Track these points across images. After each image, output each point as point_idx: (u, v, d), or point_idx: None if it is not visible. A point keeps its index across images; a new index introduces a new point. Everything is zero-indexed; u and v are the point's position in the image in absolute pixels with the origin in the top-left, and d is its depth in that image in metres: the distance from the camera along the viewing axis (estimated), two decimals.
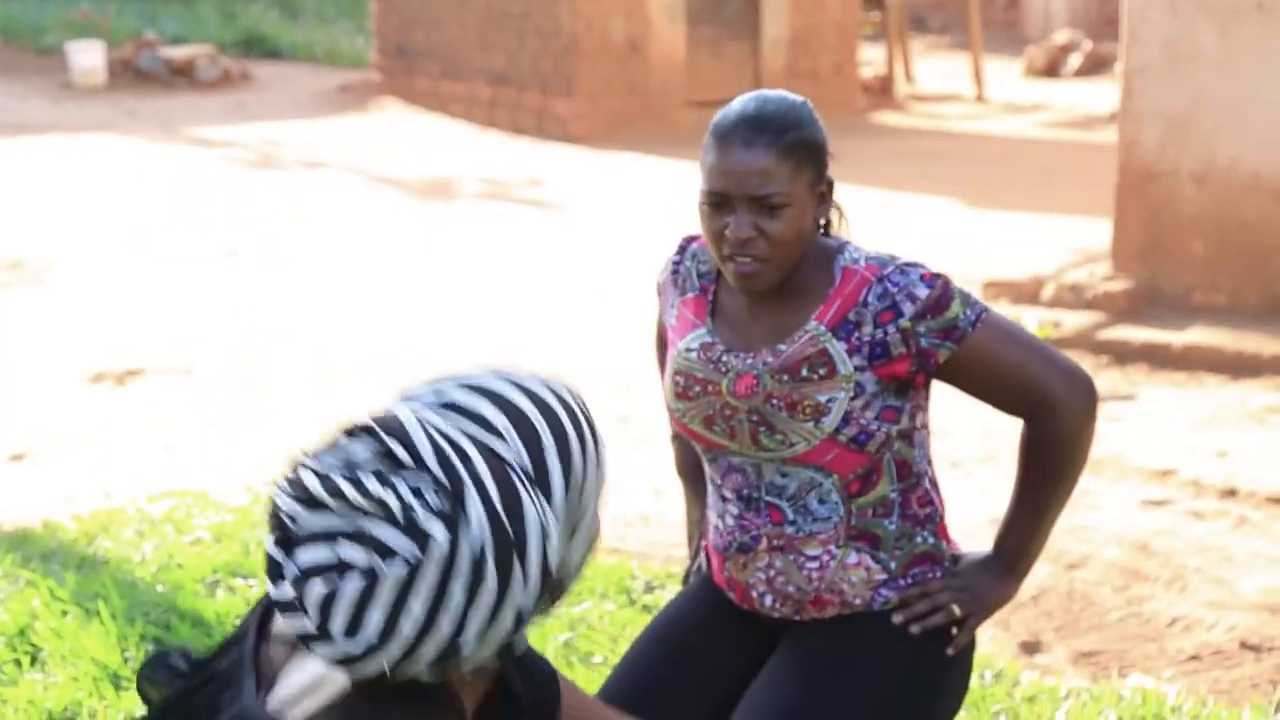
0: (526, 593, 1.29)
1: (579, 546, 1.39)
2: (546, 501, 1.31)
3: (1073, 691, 3.18)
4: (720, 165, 2.18)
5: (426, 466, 1.27)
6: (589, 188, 10.69)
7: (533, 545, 1.27)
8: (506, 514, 1.27)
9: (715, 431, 2.28)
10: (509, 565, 1.26)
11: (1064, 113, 14.33)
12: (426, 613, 1.25)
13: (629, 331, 6.91)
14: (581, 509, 1.37)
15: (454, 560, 1.25)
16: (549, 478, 1.31)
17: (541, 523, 1.29)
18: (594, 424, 1.39)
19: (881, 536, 2.27)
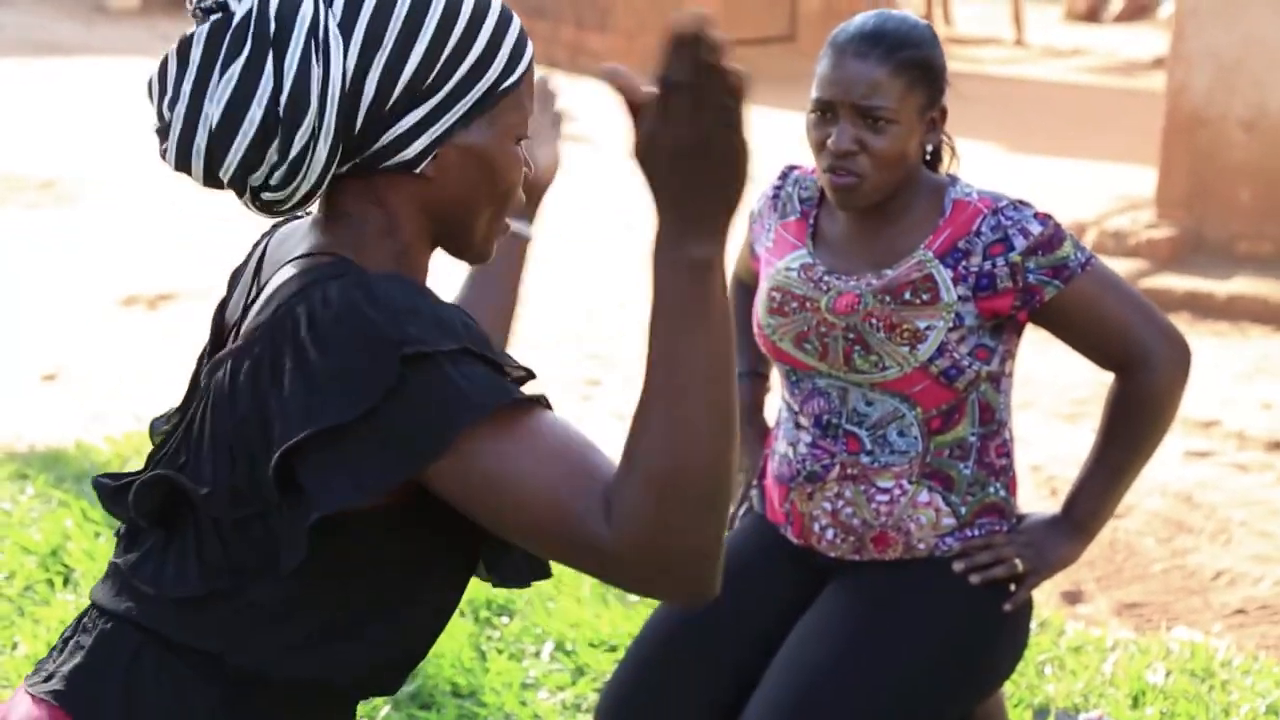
0: (288, 100, 1.29)
1: (419, 124, 1.34)
2: (343, 32, 1.31)
3: (1119, 643, 3.13)
4: (830, 74, 2.15)
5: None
6: (623, 123, 10.59)
7: (294, 47, 1.29)
8: (276, 9, 1.30)
9: (806, 350, 2.25)
10: (262, 54, 1.29)
11: (1105, 58, 14.14)
12: (191, 90, 1.31)
13: None
14: (423, 85, 1.33)
15: (215, 43, 1.31)
16: (358, 13, 1.32)
17: (314, 33, 1.29)
18: (480, 10, 1.37)
19: (955, 479, 2.23)
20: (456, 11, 1.34)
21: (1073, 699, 2.85)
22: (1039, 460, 4.49)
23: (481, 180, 1.38)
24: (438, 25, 1.33)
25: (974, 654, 2.29)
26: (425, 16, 1.32)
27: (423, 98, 1.33)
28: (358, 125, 1.32)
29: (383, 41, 1.31)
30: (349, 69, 1.30)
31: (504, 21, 1.37)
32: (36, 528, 3.54)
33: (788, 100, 11.21)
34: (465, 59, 1.34)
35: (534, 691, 2.86)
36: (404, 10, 1.32)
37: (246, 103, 1.29)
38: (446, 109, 1.34)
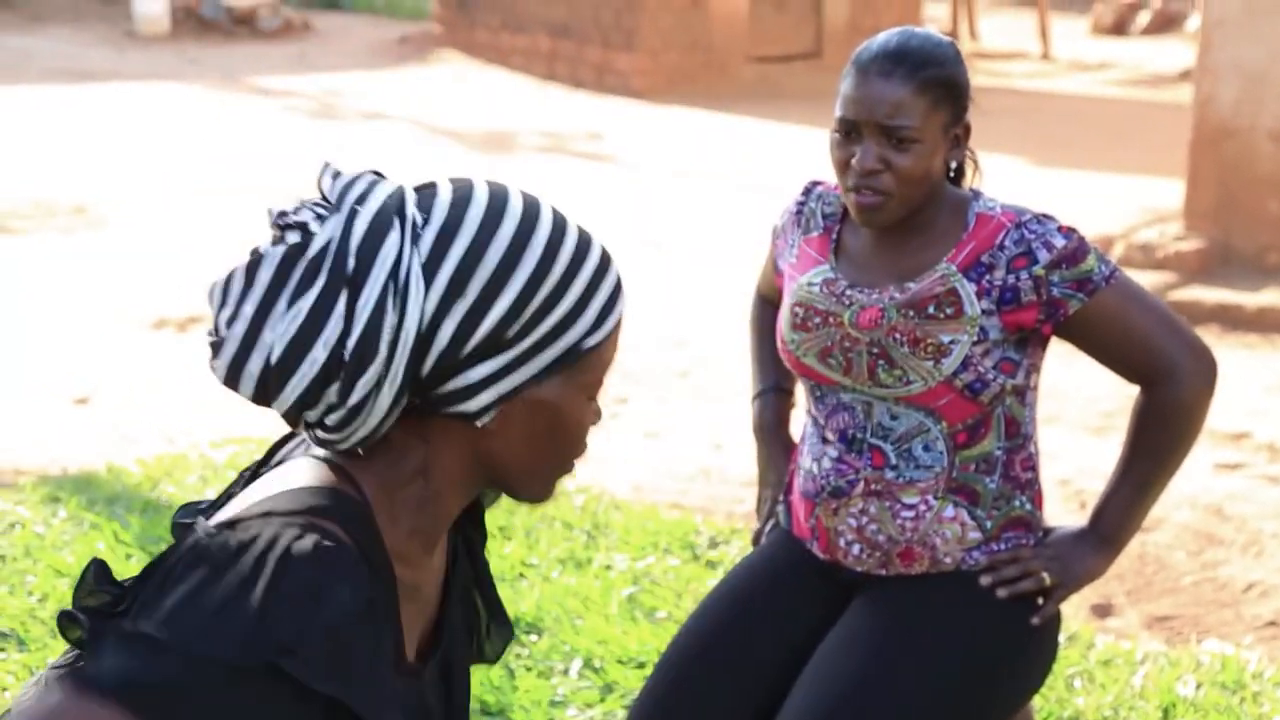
0: (356, 344, 1.20)
1: (490, 375, 1.26)
2: (426, 278, 1.22)
3: (1149, 655, 3.11)
4: (854, 93, 2.15)
5: (325, 193, 1.27)
6: (648, 142, 10.62)
7: (370, 289, 1.20)
8: (357, 246, 1.21)
9: (830, 365, 2.25)
10: (335, 292, 1.20)
11: (1132, 71, 14.10)
12: (255, 312, 1.22)
13: (686, 286, 6.86)
14: (502, 338, 1.25)
15: (288, 267, 1.22)
16: (442, 260, 1.23)
17: (395, 276, 1.21)
18: (574, 267, 1.28)
19: (981, 493, 2.23)
20: (552, 261, 1.26)
21: (1102, 712, 2.84)
22: (1067, 474, 4.47)
23: (547, 436, 1.31)
24: (530, 276, 1.25)
25: (1002, 668, 2.28)
26: (517, 264, 1.24)
27: (500, 350, 1.25)
28: (425, 370, 1.24)
29: (467, 288, 1.23)
30: (427, 315, 1.22)
31: (600, 272, 1.30)
32: (69, 550, 3.57)
33: (814, 117, 11.23)
34: (552, 313, 1.26)
35: (563, 709, 2.86)
36: (496, 256, 1.24)
37: (311, 341, 1.21)
38: (523, 363, 1.26)
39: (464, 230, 1.24)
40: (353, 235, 1.21)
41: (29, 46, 14.38)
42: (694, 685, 2.35)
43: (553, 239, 1.27)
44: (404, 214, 1.24)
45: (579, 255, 1.28)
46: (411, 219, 1.24)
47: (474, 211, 1.25)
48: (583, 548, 3.64)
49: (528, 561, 3.55)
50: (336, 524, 1.23)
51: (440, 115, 11.48)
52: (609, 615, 3.21)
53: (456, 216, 1.24)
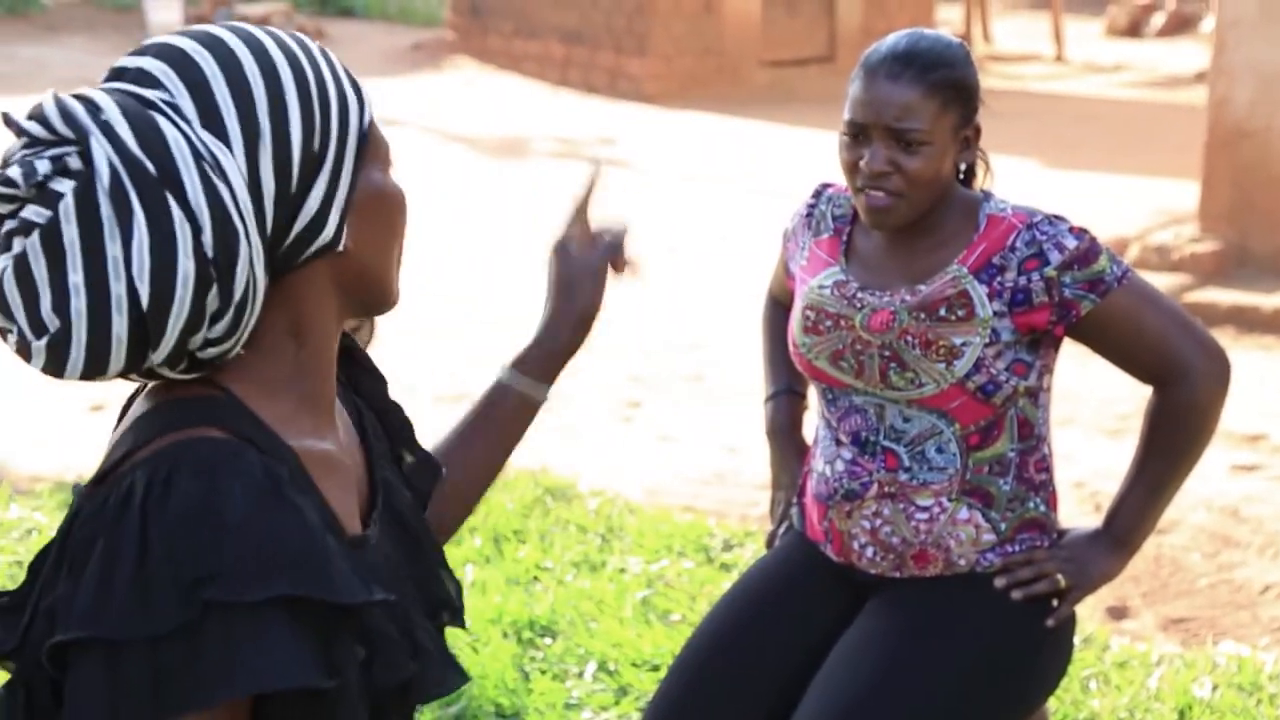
0: (214, 235, 1.14)
1: (325, 196, 1.23)
2: (219, 138, 1.17)
3: (1165, 658, 3.10)
4: (862, 96, 2.15)
5: (57, 131, 1.16)
6: (662, 147, 10.62)
7: (188, 177, 1.14)
8: (142, 149, 1.13)
9: (842, 368, 2.25)
10: (160, 201, 1.12)
11: (1146, 73, 14.07)
12: (86, 275, 1.11)
13: (699, 290, 6.86)
14: (314, 154, 1.22)
15: (91, 211, 1.12)
16: (220, 114, 1.18)
17: (199, 153, 1.15)
18: (316, 66, 1.26)
19: (995, 495, 2.22)
20: (301, 66, 1.24)
21: (1118, 714, 2.83)
22: (1082, 476, 4.46)
23: (388, 224, 1.31)
24: (297, 87, 1.22)
25: (1016, 670, 2.27)
26: (280, 83, 1.21)
27: (320, 165, 1.23)
28: (268, 223, 1.20)
29: (259, 126, 1.19)
30: (244, 170, 1.18)
31: (331, 62, 1.29)
32: None
33: (827, 121, 11.22)
34: (333, 110, 1.25)
35: (577, 712, 2.86)
36: (261, 86, 1.20)
37: (172, 259, 1.13)
38: (340, 165, 1.25)
39: (214, 81, 1.19)
40: (127, 144, 1.13)
41: (43, 56, 14.44)
42: (709, 687, 2.35)
43: (282, 48, 1.24)
44: (143, 99, 1.17)
45: (308, 52, 1.26)
46: (156, 99, 1.17)
47: (206, 63, 1.19)
48: (597, 551, 3.64)
49: (542, 565, 3.56)
50: (204, 426, 1.18)
51: (453, 121, 11.50)
52: (623, 618, 3.21)
53: (195, 76, 1.19)
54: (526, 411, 1.63)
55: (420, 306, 6.54)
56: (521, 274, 7.15)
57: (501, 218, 8.40)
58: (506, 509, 3.84)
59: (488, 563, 3.56)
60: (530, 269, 7.25)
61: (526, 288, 6.89)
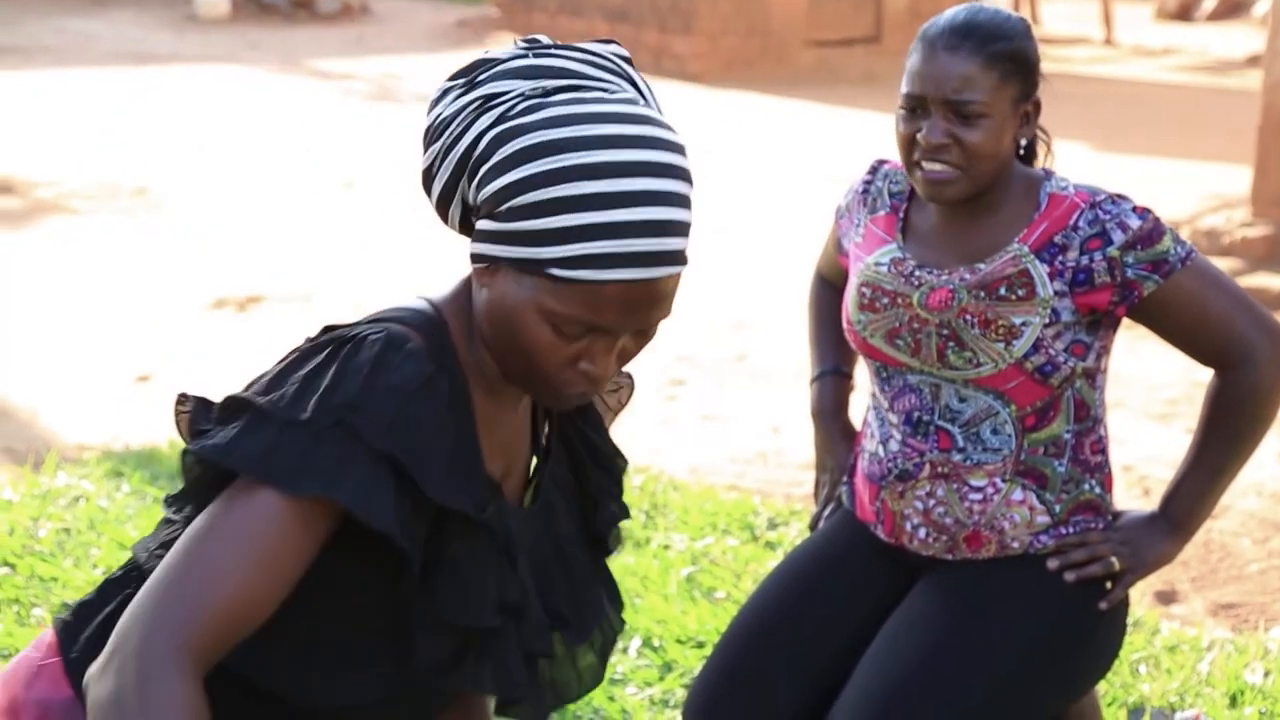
0: (434, 123, 1.40)
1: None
2: (498, 118, 1.36)
3: (1216, 642, 3.07)
4: (921, 68, 2.12)
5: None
6: (707, 126, 10.58)
7: (470, 96, 1.38)
8: (497, 71, 1.39)
9: (898, 346, 2.22)
10: (464, 91, 1.39)
11: (1197, 57, 13.92)
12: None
13: (744, 269, 6.84)
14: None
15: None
16: (517, 114, 1.36)
17: (492, 99, 1.36)
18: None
19: (1049, 477, 2.20)
20: (564, 178, 1.31)
21: (1168, 698, 2.80)
22: (1131, 460, 4.42)
23: (503, 325, 1.37)
24: (539, 172, 1.31)
25: (1069, 652, 2.25)
26: (541, 157, 1.32)
27: (494, 217, 1.34)
28: (468, 193, 1.38)
29: (504, 145, 1.33)
30: (479, 144, 1.35)
31: (607, 229, 1.31)
32: (132, 524, 3.60)
33: (872, 102, 11.16)
34: (535, 218, 1.32)
35: (621, 687, 2.86)
36: (534, 140, 1.32)
37: (436, 103, 1.41)
38: (499, 240, 1.34)
39: (548, 111, 1.33)
40: (506, 63, 1.37)
41: (92, 29, 14.52)
42: (756, 665, 2.34)
43: (591, 168, 1.31)
44: (551, 81, 1.35)
45: (602, 198, 1.31)
46: (546, 87, 1.35)
47: (574, 108, 1.33)
48: (641, 527, 3.64)
49: None
50: (412, 329, 1.39)
51: None
52: (668, 594, 3.20)
53: (562, 103, 1.34)
54: None
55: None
56: None
57: None
58: None
59: None
60: None
61: None
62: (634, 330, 1.36)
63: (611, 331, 1.35)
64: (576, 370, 1.36)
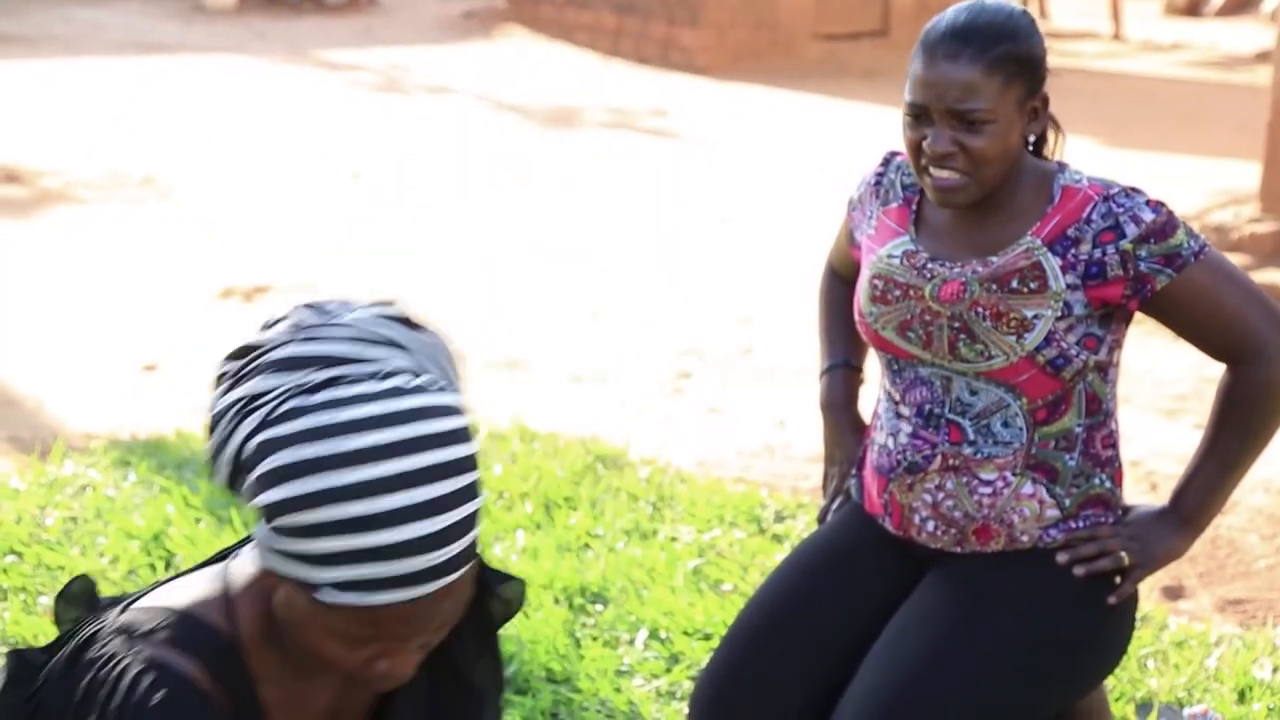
0: (214, 417, 1.35)
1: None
2: (266, 420, 1.31)
3: (1224, 638, 3.06)
4: (922, 76, 2.10)
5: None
6: (714, 119, 10.57)
7: (240, 392, 1.33)
8: (275, 358, 1.34)
9: (910, 339, 2.22)
10: (234, 373, 1.36)
11: (1205, 52, 13.89)
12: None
13: (751, 263, 6.83)
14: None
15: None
16: (285, 419, 1.31)
17: (260, 396, 1.32)
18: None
19: (1060, 471, 2.19)
20: (326, 501, 1.25)
21: (1176, 694, 2.80)
22: (1138, 456, 4.42)
23: (295, 632, 1.34)
24: (303, 494, 1.26)
25: (1077, 647, 2.25)
26: (302, 476, 1.26)
27: (269, 528, 1.29)
28: (243, 489, 1.33)
29: (268, 457, 1.27)
30: (247, 448, 1.29)
31: (378, 553, 1.25)
32: (139, 513, 3.60)
33: (880, 95, 11.14)
34: (301, 541, 1.26)
35: (628, 678, 2.85)
36: (295, 457, 1.26)
37: (215, 386, 1.37)
38: (276, 557, 1.30)
39: (309, 418, 1.26)
40: (270, 354, 1.32)
41: (99, 19, 14.52)
42: (764, 658, 2.33)
43: (352, 489, 1.24)
44: (313, 373, 1.30)
45: (369, 520, 1.24)
46: (309, 382, 1.29)
47: (336, 413, 1.27)
48: (648, 519, 3.63)
49: (593, 532, 3.55)
50: (190, 657, 1.34)
51: (505, 90, 11.48)
52: (674, 587, 3.20)
53: (323, 405, 1.27)
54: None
55: (470, 274, 6.54)
56: (569, 242, 7.14)
57: (552, 186, 8.39)
58: (557, 476, 3.83)
59: (539, 529, 3.55)
60: (576, 237, 7.23)
61: (574, 256, 6.88)
62: (428, 633, 1.32)
63: (403, 639, 1.31)
64: (376, 669, 1.33)
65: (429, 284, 6.36)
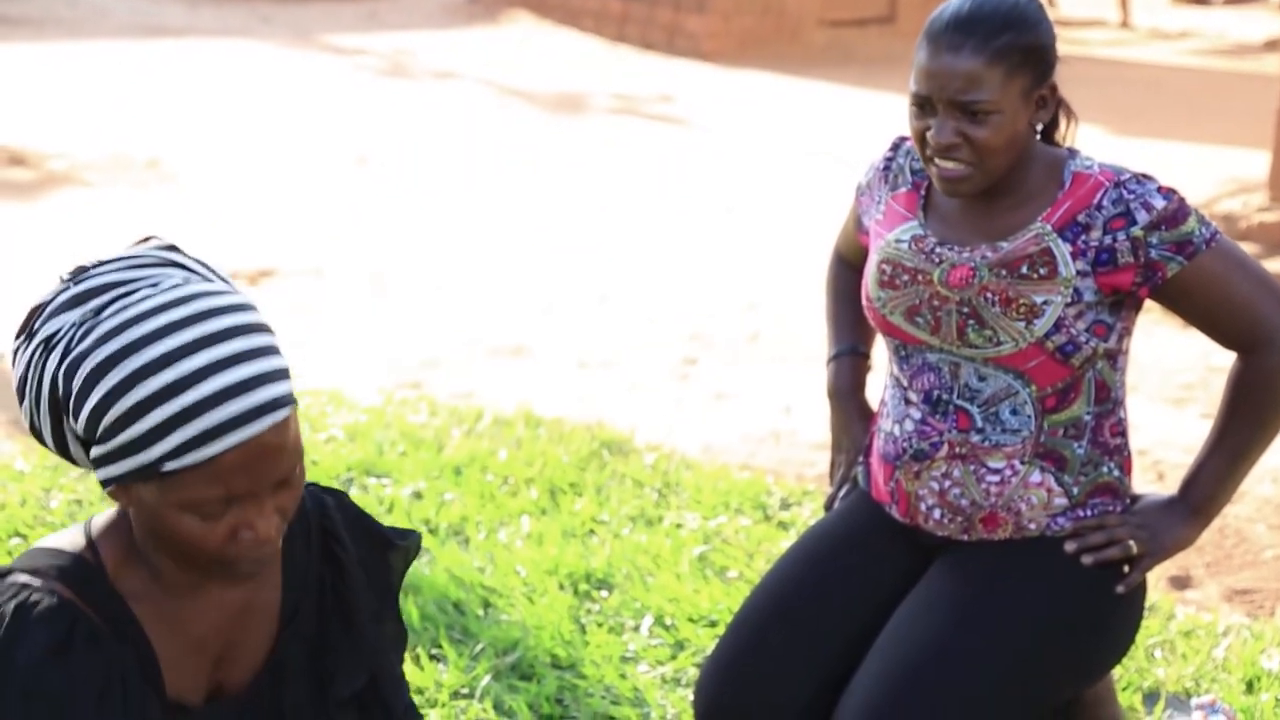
0: (19, 379, 1.44)
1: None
2: (64, 353, 1.41)
3: (1231, 628, 3.05)
4: (926, 67, 2.09)
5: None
6: (720, 106, 10.55)
7: (33, 339, 1.42)
8: (50, 308, 1.43)
9: (918, 324, 2.20)
10: (26, 338, 1.44)
11: (1214, 41, 13.84)
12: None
13: (757, 249, 6.81)
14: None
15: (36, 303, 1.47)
16: (76, 343, 1.41)
17: (52, 339, 1.41)
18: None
19: (1068, 459, 2.18)
20: (137, 381, 1.36)
21: (1184, 683, 2.79)
22: (1145, 445, 4.40)
23: (155, 532, 1.44)
24: (111, 388, 1.37)
25: (1084, 636, 2.23)
26: (108, 372, 1.37)
27: (94, 443, 1.40)
28: (71, 428, 1.42)
29: (73, 379, 1.38)
30: (58, 384, 1.40)
31: (204, 404, 1.37)
32: None
33: (886, 82, 11.11)
34: (124, 431, 1.37)
35: (633, 665, 2.85)
36: (97, 359, 1.37)
37: (11, 366, 1.46)
38: (108, 462, 1.40)
39: (100, 329, 1.38)
40: (51, 302, 1.42)
41: (104, 3, 14.49)
42: (770, 645, 2.32)
43: (155, 363, 1.36)
44: (98, 298, 1.40)
45: (176, 385, 1.36)
46: (96, 305, 1.40)
47: (123, 314, 1.38)
48: (653, 506, 3.62)
49: (598, 518, 3.54)
50: (52, 577, 1.45)
51: (511, 76, 11.45)
52: (680, 573, 3.19)
53: (112, 315, 1.38)
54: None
55: (477, 260, 6.53)
56: (574, 228, 7.12)
57: (558, 172, 8.37)
58: (563, 461, 3.82)
59: (544, 514, 3.54)
60: (582, 222, 7.22)
61: (580, 241, 6.86)
62: (272, 486, 1.43)
63: (252, 494, 1.42)
64: (240, 541, 1.43)
65: (434, 268, 6.34)
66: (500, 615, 3.02)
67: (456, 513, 3.50)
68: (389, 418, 4.18)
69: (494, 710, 2.68)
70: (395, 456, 3.84)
